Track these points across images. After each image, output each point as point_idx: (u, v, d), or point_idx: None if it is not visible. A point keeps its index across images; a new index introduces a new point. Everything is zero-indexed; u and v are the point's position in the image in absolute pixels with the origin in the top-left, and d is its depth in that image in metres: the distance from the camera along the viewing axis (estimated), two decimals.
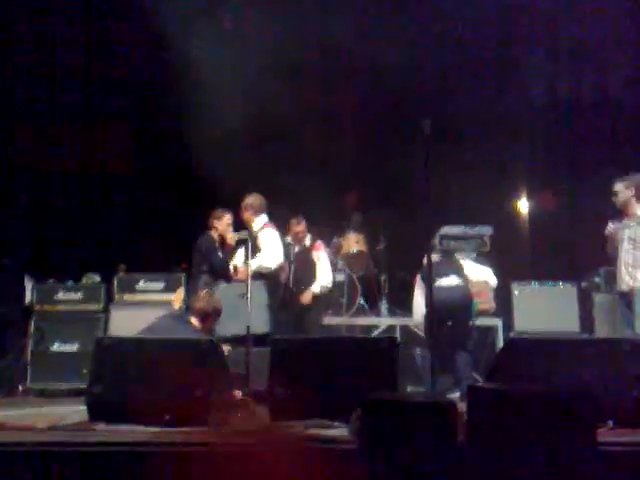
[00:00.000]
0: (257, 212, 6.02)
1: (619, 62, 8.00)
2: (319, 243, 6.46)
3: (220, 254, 5.93)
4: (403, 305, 7.04)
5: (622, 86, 8.12)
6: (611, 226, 5.65)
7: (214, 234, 5.96)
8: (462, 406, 3.18)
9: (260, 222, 6.01)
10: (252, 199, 6.06)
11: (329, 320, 6.74)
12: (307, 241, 6.42)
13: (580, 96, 8.32)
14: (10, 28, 8.03)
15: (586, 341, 4.82)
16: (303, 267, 6.22)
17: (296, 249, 6.34)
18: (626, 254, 5.58)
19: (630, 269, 5.53)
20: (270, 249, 5.82)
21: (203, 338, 3.86)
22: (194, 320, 4.84)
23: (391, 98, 7.73)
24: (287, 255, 6.16)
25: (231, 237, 5.90)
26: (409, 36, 7.47)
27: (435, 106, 7.45)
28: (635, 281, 5.47)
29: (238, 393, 4.65)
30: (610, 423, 3.67)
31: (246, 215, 6.06)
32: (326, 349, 3.97)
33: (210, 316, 4.87)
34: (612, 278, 6.53)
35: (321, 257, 6.36)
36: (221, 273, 5.81)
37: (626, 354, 3.83)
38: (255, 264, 5.77)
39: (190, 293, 5.83)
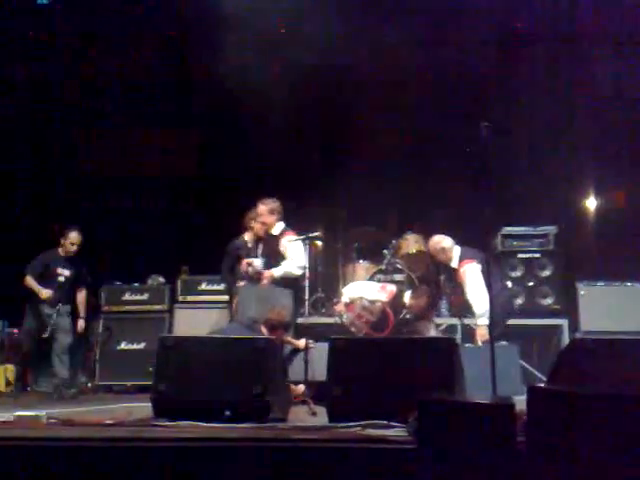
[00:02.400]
0: (280, 217, 6.15)
1: None
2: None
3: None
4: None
5: None
6: None
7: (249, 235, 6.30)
8: (523, 407, 3.13)
9: (279, 228, 6.12)
10: (277, 204, 6.15)
11: None
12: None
13: None
14: None
15: None
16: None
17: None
18: None
19: None
20: (297, 256, 5.90)
21: (261, 337, 3.91)
22: (263, 329, 4.97)
23: (452, 101, 7.67)
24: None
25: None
26: (469, 40, 7.41)
27: (498, 107, 7.40)
28: None
29: (299, 389, 4.72)
30: None
31: (271, 219, 6.14)
32: (384, 349, 3.96)
33: (278, 329, 4.99)
34: None
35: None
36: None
37: None
38: (282, 270, 5.91)
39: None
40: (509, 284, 6.77)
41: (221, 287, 6.98)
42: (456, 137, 7.00)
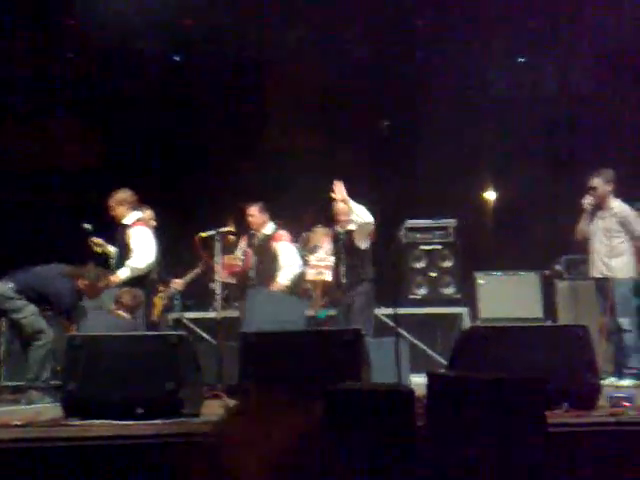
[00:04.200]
0: (130, 207, 5.94)
1: (582, 54, 8.22)
2: (279, 234, 6.41)
3: None
4: None
5: (585, 78, 8.36)
6: (589, 198, 5.87)
7: None
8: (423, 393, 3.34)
9: (132, 218, 5.94)
10: (126, 195, 5.95)
11: None
12: (268, 230, 6.44)
13: (544, 88, 8.55)
14: None
15: (542, 328, 5.02)
16: (262, 257, 6.28)
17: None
18: (600, 245, 5.83)
19: (605, 259, 5.78)
20: (140, 249, 5.77)
21: (173, 332, 3.95)
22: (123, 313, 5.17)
23: (352, 98, 7.89)
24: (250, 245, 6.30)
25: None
26: (374, 33, 7.63)
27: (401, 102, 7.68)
28: (610, 270, 5.72)
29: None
30: (565, 405, 3.86)
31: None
32: (293, 342, 4.09)
33: (138, 308, 5.29)
34: (573, 265, 6.80)
35: (279, 248, 6.31)
36: None
37: (579, 340, 4.02)
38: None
39: None
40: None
41: None
42: (361, 134, 7.22)
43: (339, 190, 5.71)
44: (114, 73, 7.85)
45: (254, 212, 6.36)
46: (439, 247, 7.13)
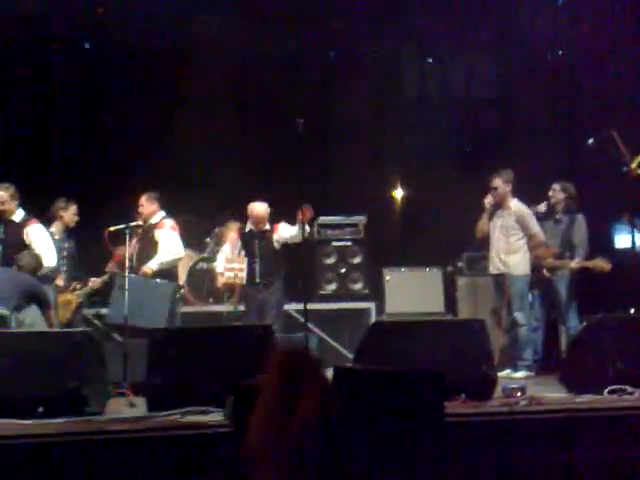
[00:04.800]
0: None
1: (489, 58, 8.59)
2: (163, 222, 6.28)
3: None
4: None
5: (490, 82, 8.74)
6: (489, 198, 6.14)
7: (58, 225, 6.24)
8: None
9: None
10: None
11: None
12: (155, 219, 6.31)
13: (451, 90, 8.87)
14: None
15: (442, 322, 5.25)
16: (144, 245, 6.22)
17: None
18: (498, 242, 6.11)
19: (502, 255, 6.06)
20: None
21: (77, 330, 3.87)
22: None
23: (267, 95, 7.93)
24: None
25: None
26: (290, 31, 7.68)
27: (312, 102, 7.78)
28: (506, 266, 6.02)
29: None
30: (463, 396, 4.06)
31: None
32: (202, 338, 4.10)
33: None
34: (473, 262, 7.11)
35: (161, 235, 6.19)
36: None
37: (477, 333, 4.24)
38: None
39: None
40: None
41: None
42: (276, 131, 7.26)
43: (308, 214, 5.88)
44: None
45: (142, 201, 6.27)
46: (349, 244, 7.27)
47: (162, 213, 6.34)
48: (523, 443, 3.72)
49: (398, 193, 9.02)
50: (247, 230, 6.49)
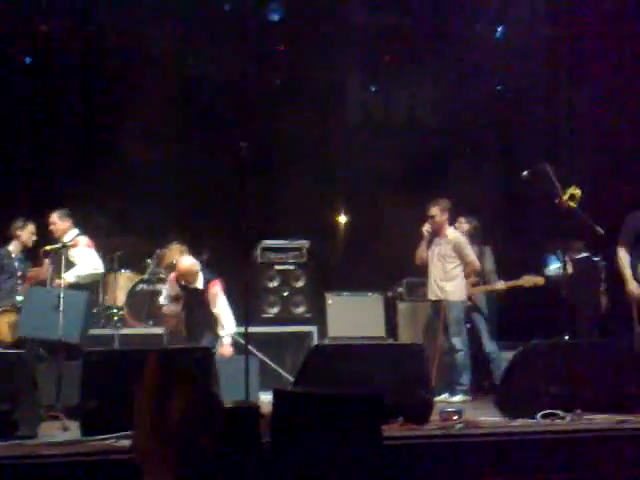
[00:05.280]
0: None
1: (427, 88, 8.82)
2: (77, 239, 6.05)
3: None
4: None
5: (432, 112, 8.96)
6: (427, 225, 6.27)
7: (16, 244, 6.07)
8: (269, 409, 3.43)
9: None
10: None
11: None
12: (67, 238, 6.07)
13: (391, 116, 9.06)
14: None
15: (381, 346, 5.31)
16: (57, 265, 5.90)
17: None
18: (435, 269, 6.24)
19: (440, 282, 6.19)
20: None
21: (8, 351, 3.75)
22: None
23: (212, 117, 7.95)
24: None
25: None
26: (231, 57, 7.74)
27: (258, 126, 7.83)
28: (443, 293, 6.14)
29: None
30: (400, 419, 4.11)
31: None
32: (138, 360, 4.02)
33: None
34: (413, 288, 7.23)
35: (76, 254, 5.98)
36: None
37: (414, 357, 4.31)
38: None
39: None
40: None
41: None
42: (219, 154, 7.27)
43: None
44: None
45: (54, 219, 6.10)
46: (292, 267, 7.30)
47: (75, 231, 6.15)
48: (459, 466, 3.78)
49: (341, 218, 9.13)
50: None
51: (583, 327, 6.64)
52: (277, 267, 7.27)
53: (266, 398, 5.03)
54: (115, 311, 6.96)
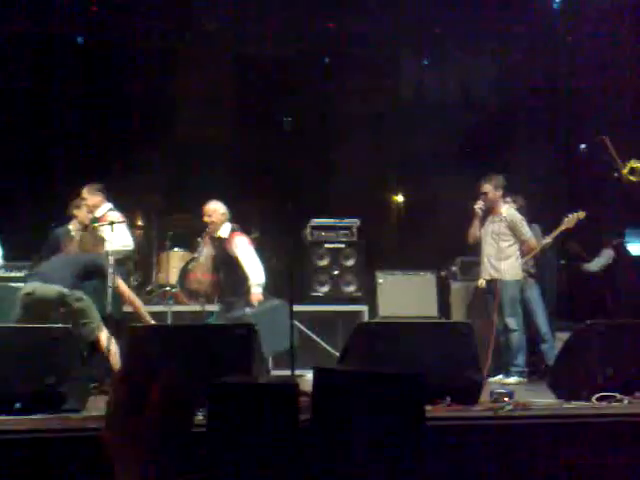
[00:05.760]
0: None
1: (482, 65, 8.53)
2: (107, 215, 6.09)
3: None
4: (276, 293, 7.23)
5: (487, 88, 8.68)
6: (480, 203, 6.08)
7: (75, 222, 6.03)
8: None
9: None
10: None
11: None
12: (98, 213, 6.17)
13: (445, 93, 8.82)
14: None
15: (428, 325, 5.17)
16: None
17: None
18: (489, 247, 6.07)
19: (493, 261, 6.02)
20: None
21: (56, 325, 3.81)
22: None
23: (259, 91, 7.90)
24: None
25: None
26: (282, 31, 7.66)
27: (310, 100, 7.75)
28: (498, 272, 5.96)
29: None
30: (447, 400, 3.99)
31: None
32: (184, 336, 4.04)
33: None
34: (466, 267, 7.05)
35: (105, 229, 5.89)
36: None
37: (463, 337, 4.17)
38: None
39: None
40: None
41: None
42: (268, 132, 7.23)
43: None
44: None
45: (84, 194, 6.08)
46: (342, 246, 7.22)
47: (107, 205, 6.15)
48: (507, 448, 3.64)
49: (395, 196, 8.99)
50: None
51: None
52: (327, 245, 7.20)
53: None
54: (168, 289, 7.05)
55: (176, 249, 7.43)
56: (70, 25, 7.53)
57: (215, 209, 6.02)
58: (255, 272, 5.89)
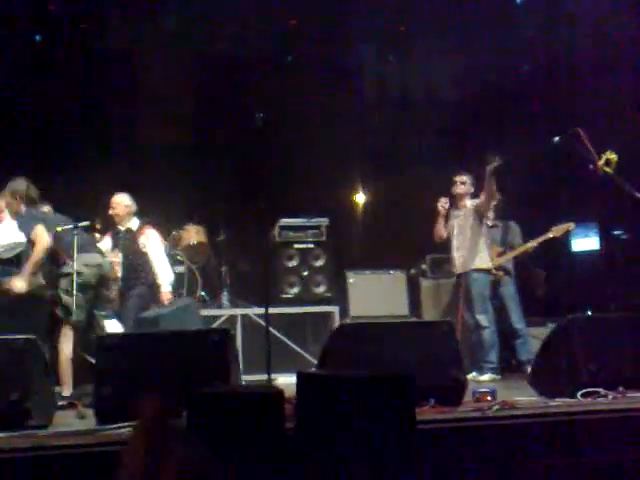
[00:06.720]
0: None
1: (446, 62, 8.51)
2: None
3: None
4: (243, 296, 7.07)
5: (451, 85, 8.66)
6: (443, 200, 6.03)
7: None
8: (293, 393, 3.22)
9: None
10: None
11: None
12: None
13: (409, 93, 8.78)
14: None
15: (409, 324, 5.08)
16: None
17: None
18: (457, 242, 6.04)
19: (462, 255, 5.98)
20: None
21: (19, 337, 3.56)
22: None
23: (221, 92, 7.74)
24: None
25: None
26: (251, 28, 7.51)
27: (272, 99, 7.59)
28: (465, 266, 5.92)
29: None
30: (432, 401, 3.87)
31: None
32: (156, 343, 3.84)
33: None
34: (436, 265, 7.00)
35: None
36: None
37: (445, 335, 4.07)
38: None
39: None
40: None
41: None
42: (233, 131, 7.07)
43: None
44: None
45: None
46: (312, 246, 7.09)
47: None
48: (496, 449, 3.55)
49: (360, 196, 8.90)
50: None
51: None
52: (296, 246, 7.07)
53: (287, 381, 4.87)
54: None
55: None
56: (28, 23, 7.24)
57: (119, 201, 5.82)
58: (164, 270, 5.74)
